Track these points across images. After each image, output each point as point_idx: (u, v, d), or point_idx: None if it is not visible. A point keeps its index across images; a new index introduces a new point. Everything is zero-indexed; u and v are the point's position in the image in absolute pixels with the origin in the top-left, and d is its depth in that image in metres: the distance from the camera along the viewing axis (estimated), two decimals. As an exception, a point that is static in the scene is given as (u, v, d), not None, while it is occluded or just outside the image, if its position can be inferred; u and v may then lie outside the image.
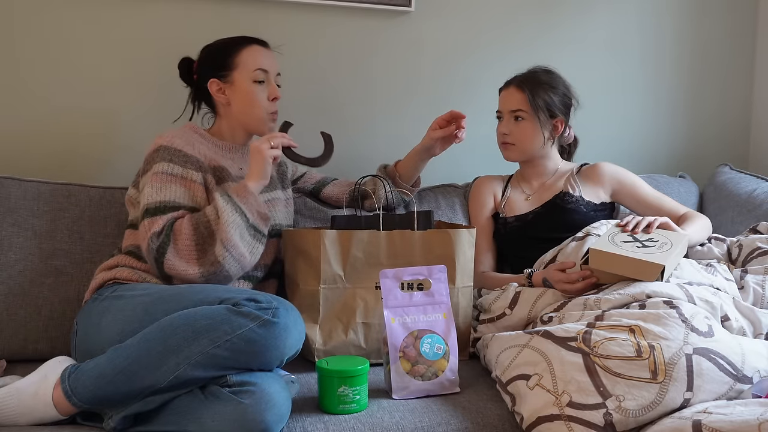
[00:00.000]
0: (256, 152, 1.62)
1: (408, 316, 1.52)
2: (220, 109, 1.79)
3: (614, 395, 1.30)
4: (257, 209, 1.59)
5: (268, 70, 1.76)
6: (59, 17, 1.96)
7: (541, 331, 1.46)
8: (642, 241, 1.63)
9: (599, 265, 1.60)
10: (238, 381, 1.31)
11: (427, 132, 1.88)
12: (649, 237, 1.66)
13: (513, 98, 1.95)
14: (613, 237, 1.65)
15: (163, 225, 1.55)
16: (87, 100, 2.00)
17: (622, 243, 1.62)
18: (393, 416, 1.39)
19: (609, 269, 1.59)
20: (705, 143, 2.62)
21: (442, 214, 2.07)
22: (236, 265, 1.56)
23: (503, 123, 1.97)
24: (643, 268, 1.55)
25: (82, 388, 1.33)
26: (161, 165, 1.61)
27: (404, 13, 2.25)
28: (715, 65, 2.60)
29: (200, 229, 1.54)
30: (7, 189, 1.76)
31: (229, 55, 1.75)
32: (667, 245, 1.62)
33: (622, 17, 2.47)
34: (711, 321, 1.42)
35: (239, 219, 1.55)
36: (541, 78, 1.96)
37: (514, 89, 1.95)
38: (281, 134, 1.67)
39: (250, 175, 1.62)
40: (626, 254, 1.57)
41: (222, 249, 1.53)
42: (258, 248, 1.60)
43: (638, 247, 1.61)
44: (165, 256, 1.53)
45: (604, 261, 1.59)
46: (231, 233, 1.53)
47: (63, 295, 1.74)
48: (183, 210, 1.60)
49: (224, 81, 1.75)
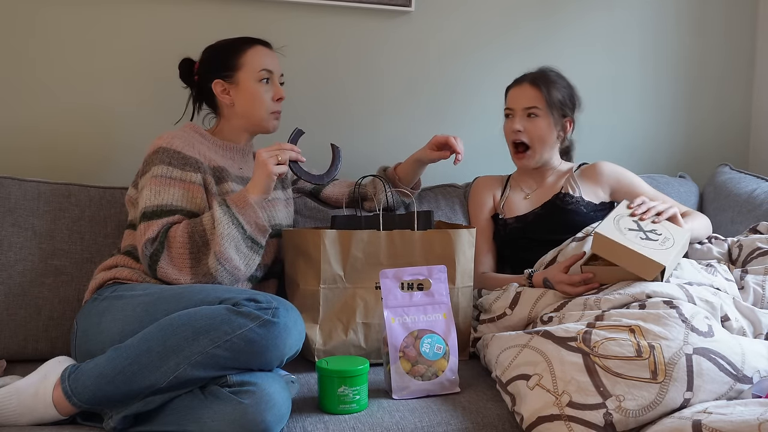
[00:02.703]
0: (261, 165, 1.57)
1: (408, 316, 1.52)
2: (224, 110, 1.79)
3: (614, 395, 1.30)
4: (255, 221, 1.56)
5: (273, 71, 1.76)
6: (60, 17, 1.96)
7: (541, 331, 1.46)
8: (646, 232, 1.61)
9: (600, 250, 1.58)
10: (238, 381, 1.31)
11: (426, 147, 1.89)
12: (654, 228, 1.64)
13: (527, 95, 1.91)
14: (618, 221, 1.63)
15: (157, 231, 1.54)
16: (87, 100, 2.00)
17: (626, 230, 1.59)
18: (393, 416, 1.39)
19: (609, 257, 1.58)
20: (705, 143, 2.62)
21: (442, 214, 2.07)
22: (229, 277, 1.56)
23: (515, 120, 1.92)
24: (644, 264, 1.54)
25: (82, 388, 1.33)
26: (159, 168, 1.61)
27: (404, 13, 2.25)
28: (715, 65, 2.60)
29: (195, 238, 1.53)
30: (7, 189, 1.76)
31: (233, 55, 1.75)
32: (670, 241, 1.60)
33: (622, 18, 2.47)
34: (711, 321, 1.42)
35: (235, 231, 1.54)
36: (552, 77, 1.95)
37: (528, 86, 1.92)
38: (290, 146, 1.61)
39: (252, 187, 1.58)
40: (630, 246, 1.54)
41: (215, 262, 1.52)
42: (254, 259, 1.59)
43: (641, 238, 1.59)
44: (158, 264, 1.53)
45: (607, 248, 1.57)
46: (225, 246, 1.52)
47: (63, 295, 1.74)
48: (179, 215, 1.58)
49: (229, 82, 1.75)
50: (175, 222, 1.57)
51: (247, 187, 1.59)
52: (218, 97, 1.76)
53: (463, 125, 2.34)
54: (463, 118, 2.34)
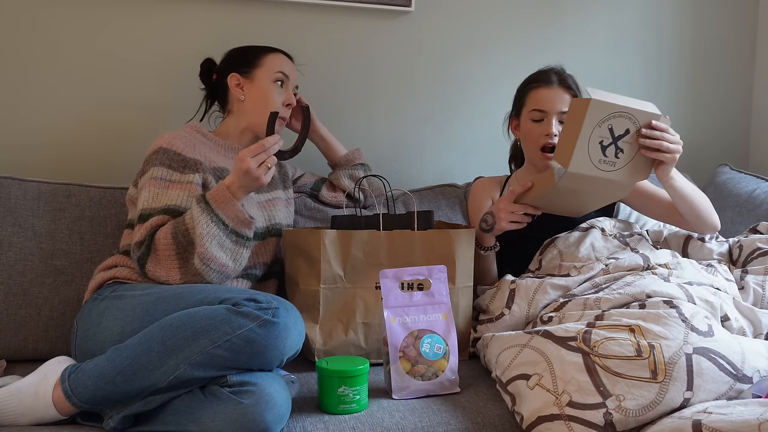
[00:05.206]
0: (250, 176, 1.51)
1: (408, 316, 1.52)
2: (233, 106, 1.81)
3: (614, 395, 1.30)
4: (236, 215, 1.52)
5: (289, 77, 1.82)
6: (60, 17, 1.96)
7: (541, 331, 1.46)
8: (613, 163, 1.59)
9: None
10: (238, 381, 1.31)
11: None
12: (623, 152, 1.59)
13: (562, 99, 1.84)
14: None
15: (144, 235, 1.54)
16: (88, 100, 2.00)
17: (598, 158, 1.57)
18: (393, 416, 1.39)
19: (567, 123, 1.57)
20: (705, 143, 2.62)
21: (442, 214, 2.07)
22: (218, 275, 1.54)
23: (550, 123, 1.83)
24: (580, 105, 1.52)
25: (82, 388, 1.33)
26: (158, 170, 1.61)
27: (404, 13, 2.25)
28: (716, 65, 2.60)
29: (179, 239, 1.51)
30: (7, 189, 1.76)
31: (255, 55, 1.81)
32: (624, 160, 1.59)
33: (623, 17, 2.47)
34: (711, 321, 1.42)
35: (215, 229, 1.50)
36: (572, 79, 1.90)
37: (561, 90, 1.85)
38: (272, 142, 1.53)
39: (237, 190, 1.53)
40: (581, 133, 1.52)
41: (200, 263, 1.51)
42: (243, 253, 1.56)
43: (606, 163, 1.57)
44: (146, 267, 1.53)
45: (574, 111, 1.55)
46: (207, 246, 1.49)
47: (63, 295, 1.74)
48: (167, 216, 1.56)
49: (245, 77, 1.79)
50: (161, 224, 1.56)
51: (230, 185, 1.53)
52: (231, 90, 1.79)
53: (463, 125, 2.34)
54: (463, 118, 2.34)
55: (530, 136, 1.87)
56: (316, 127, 1.97)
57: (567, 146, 1.55)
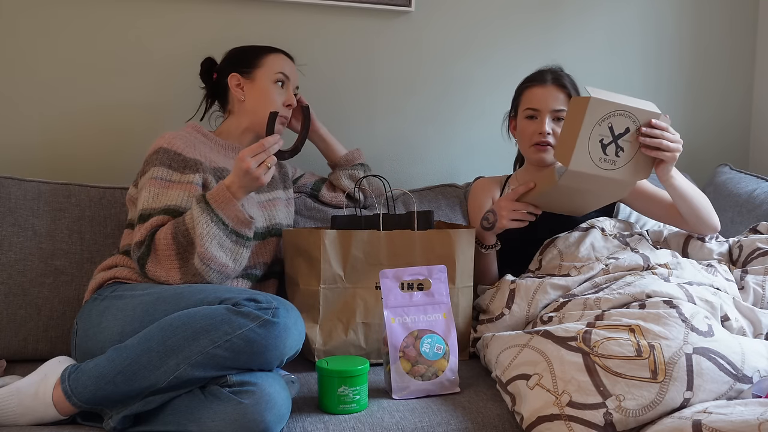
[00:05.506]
0: (250, 176, 1.51)
1: (408, 316, 1.52)
2: (233, 106, 1.81)
3: (614, 395, 1.30)
4: (236, 215, 1.52)
5: (290, 77, 1.82)
6: (60, 17, 1.96)
7: (540, 331, 1.46)
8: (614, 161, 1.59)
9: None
10: (238, 381, 1.31)
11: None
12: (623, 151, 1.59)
13: (555, 97, 1.85)
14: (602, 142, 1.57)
15: (144, 235, 1.54)
16: (88, 100, 2.00)
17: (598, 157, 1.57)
18: (393, 416, 1.39)
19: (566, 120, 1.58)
20: (705, 143, 2.62)
21: (442, 214, 2.07)
22: (218, 275, 1.54)
23: (543, 122, 1.84)
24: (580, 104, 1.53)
25: (82, 388, 1.33)
26: (158, 170, 1.61)
27: (404, 13, 2.25)
28: (715, 65, 2.60)
29: (179, 239, 1.51)
30: (7, 189, 1.76)
31: (256, 55, 1.81)
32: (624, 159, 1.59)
33: (623, 17, 2.47)
34: (711, 321, 1.42)
35: (215, 229, 1.50)
36: (567, 77, 1.91)
37: (555, 89, 1.86)
38: (272, 141, 1.53)
39: (237, 190, 1.53)
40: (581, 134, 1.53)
41: (200, 263, 1.50)
42: (243, 253, 1.56)
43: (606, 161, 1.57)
44: (146, 267, 1.53)
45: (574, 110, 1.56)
46: (207, 246, 1.49)
47: (63, 295, 1.74)
48: (167, 216, 1.56)
49: (246, 77, 1.79)
50: (161, 224, 1.56)
51: (230, 185, 1.53)
52: (231, 90, 1.79)
53: (463, 125, 2.34)
54: (463, 118, 2.34)
55: (524, 133, 1.89)
56: (316, 127, 1.97)
57: (567, 144, 1.56)
